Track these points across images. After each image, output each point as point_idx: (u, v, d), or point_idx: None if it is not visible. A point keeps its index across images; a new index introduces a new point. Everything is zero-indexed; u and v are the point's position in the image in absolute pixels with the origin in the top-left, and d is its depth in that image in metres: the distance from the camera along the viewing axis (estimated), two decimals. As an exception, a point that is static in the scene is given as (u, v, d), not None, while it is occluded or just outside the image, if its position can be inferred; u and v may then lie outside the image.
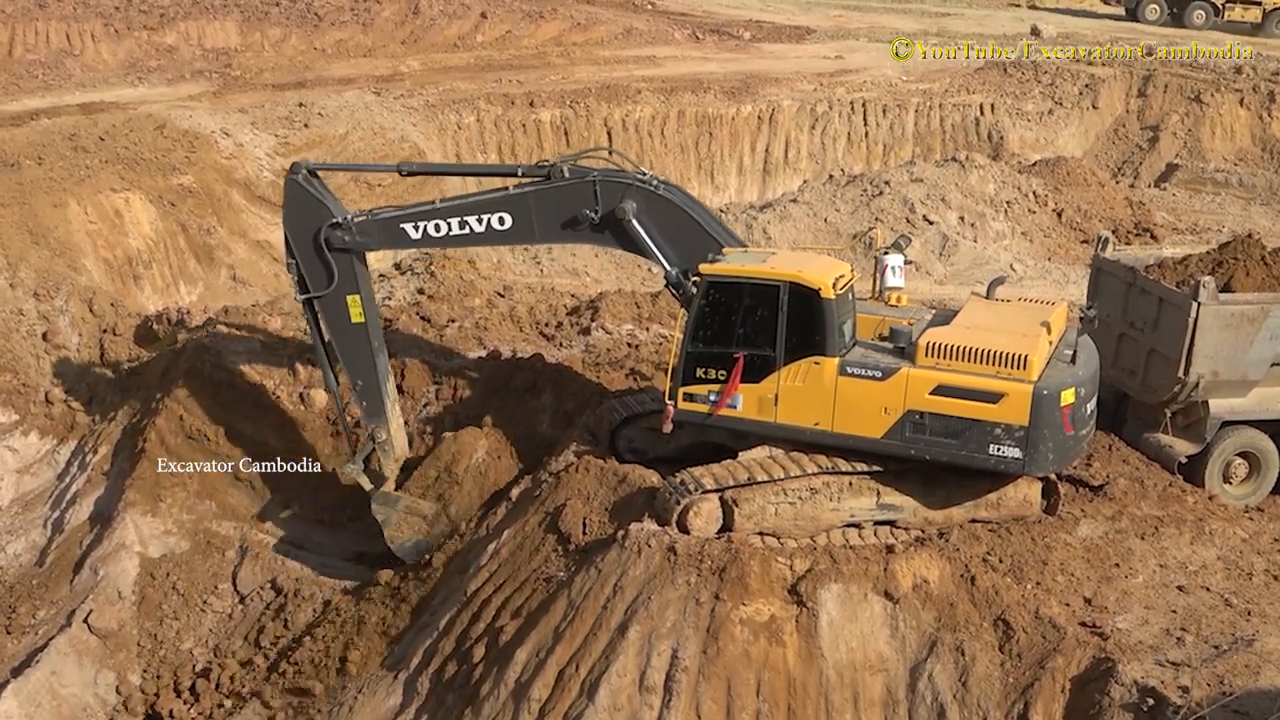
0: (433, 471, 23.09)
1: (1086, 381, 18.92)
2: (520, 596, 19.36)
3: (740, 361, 19.22)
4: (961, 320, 19.67)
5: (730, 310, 19.35)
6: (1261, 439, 22.71)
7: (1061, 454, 18.82)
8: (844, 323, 19.30)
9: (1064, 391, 18.38)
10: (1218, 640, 18.23)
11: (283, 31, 50.77)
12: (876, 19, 68.45)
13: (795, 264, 19.53)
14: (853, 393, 18.88)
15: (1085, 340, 19.83)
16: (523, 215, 20.88)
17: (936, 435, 18.62)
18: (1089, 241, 33.83)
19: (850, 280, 19.72)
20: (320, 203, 21.51)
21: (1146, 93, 55.03)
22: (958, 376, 18.44)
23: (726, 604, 17.90)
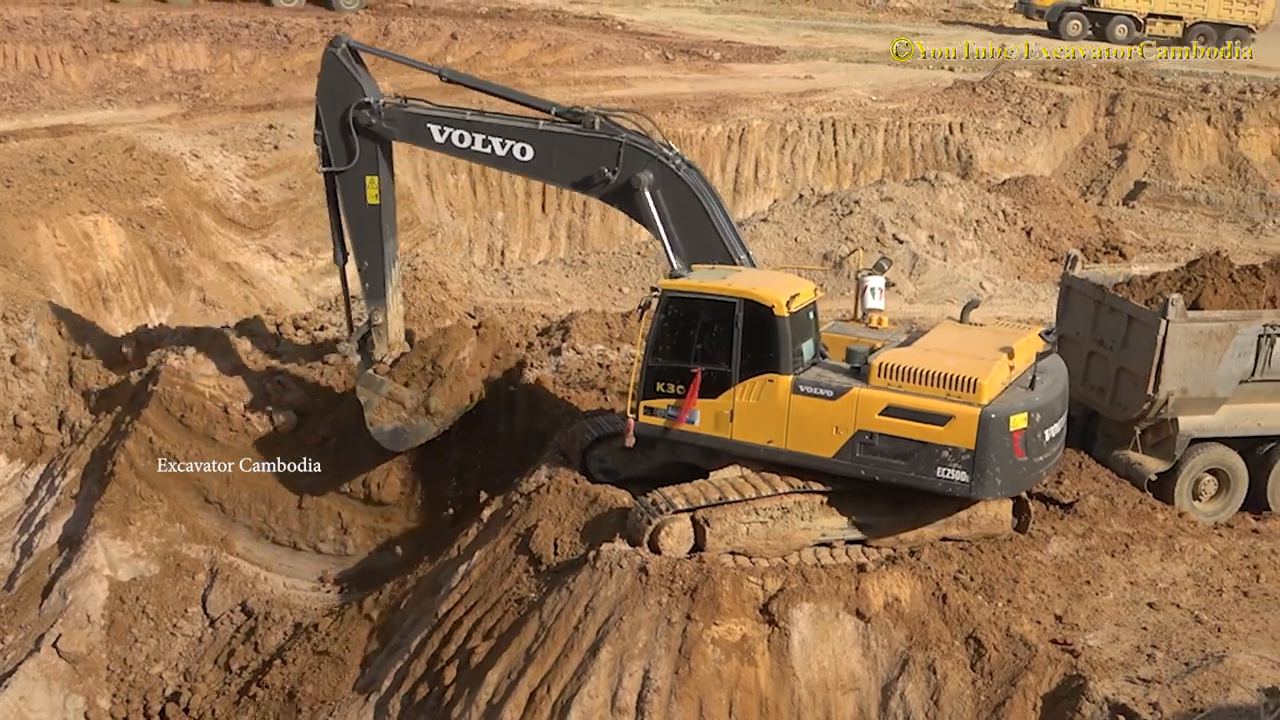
0: (418, 361, 23.12)
1: (1044, 407, 18.77)
2: (492, 618, 19.31)
3: (698, 377, 19.33)
4: (924, 342, 19.67)
5: (688, 326, 19.48)
6: (1230, 456, 22.79)
7: (1012, 479, 18.72)
8: (801, 341, 19.36)
9: (1014, 416, 18.30)
10: (1188, 657, 18.29)
11: (252, 53, 50.70)
12: (846, 39, 68.64)
13: (752, 281, 19.62)
14: (805, 411, 18.95)
15: (1053, 366, 19.84)
16: (545, 153, 21.14)
17: (886, 456, 18.60)
18: (1058, 260, 33.97)
19: (809, 300, 19.73)
20: (354, 80, 21.96)
21: (1114, 112, 55.30)
22: (907, 398, 18.45)
23: (698, 624, 17.88)
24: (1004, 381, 18.79)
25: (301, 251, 38.61)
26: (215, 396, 24.78)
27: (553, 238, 45.61)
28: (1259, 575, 20.83)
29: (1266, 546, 21.66)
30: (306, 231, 38.99)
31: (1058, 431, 19.43)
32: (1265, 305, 23.11)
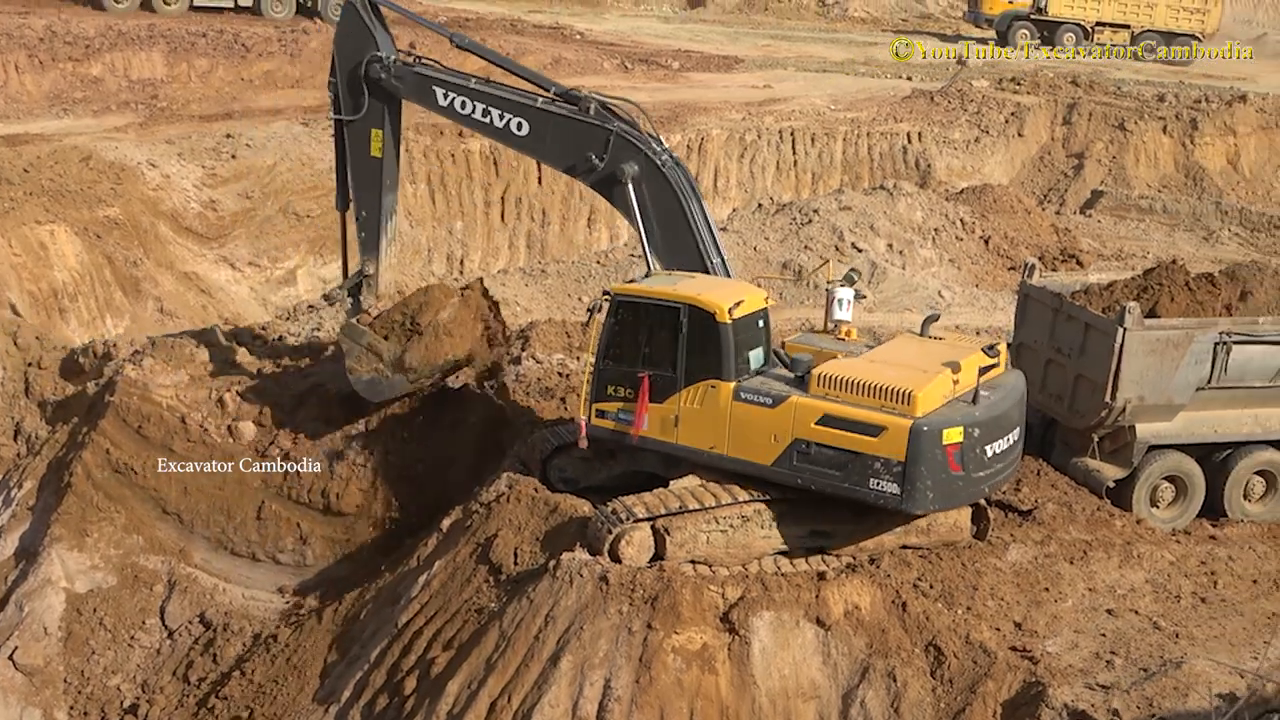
0: (398, 316, 23.27)
1: (985, 422, 18.69)
2: (452, 628, 19.26)
3: (646, 381, 19.47)
4: (873, 354, 19.76)
5: (636, 330, 19.71)
6: (1187, 463, 22.91)
7: (946, 494, 18.67)
8: (748, 349, 19.44)
9: (947, 430, 18.25)
10: (1146, 663, 18.38)
11: (210, 62, 50.47)
12: (804, 48, 68.80)
13: (698, 287, 19.78)
14: (746, 418, 19.02)
15: (1008, 381, 19.85)
16: (540, 131, 21.44)
17: (821, 466, 18.62)
18: (1016, 268, 34.10)
19: (756, 309, 19.79)
20: (370, 33, 22.28)
21: (1071, 121, 55.58)
22: (842, 408, 18.47)
23: (659, 633, 17.88)
24: (945, 395, 18.71)
25: (259, 261, 38.49)
26: (173, 407, 24.65)
27: (512, 247, 45.56)
28: (1216, 581, 20.96)
29: (1224, 553, 21.79)
30: (264, 241, 38.89)
31: (1005, 447, 19.29)
32: (1221, 313, 23.23)
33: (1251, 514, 23.29)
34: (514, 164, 45.65)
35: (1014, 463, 19.98)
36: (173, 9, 56.52)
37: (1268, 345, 22.54)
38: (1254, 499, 23.42)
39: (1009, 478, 20.35)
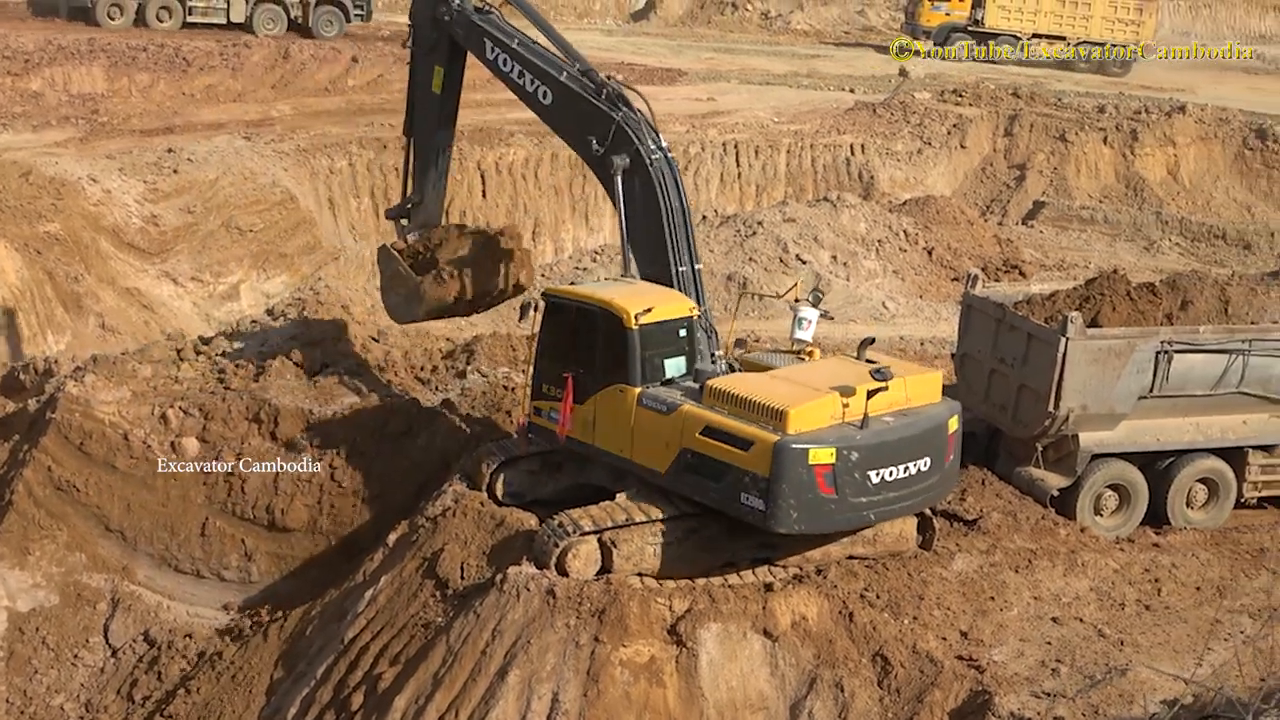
0: (422, 248, 24.28)
1: (870, 448, 18.33)
2: (399, 643, 19.19)
3: (570, 381, 19.75)
4: (780, 371, 19.71)
5: (563, 331, 20.10)
6: (1130, 471, 23.07)
7: (814, 516, 18.30)
8: (661, 356, 19.60)
9: (816, 450, 17.94)
10: (1092, 670, 18.48)
11: (151, 77, 50.17)
12: (747, 61, 68.94)
13: (615, 292, 20.02)
14: (646, 424, 19.18)
15: (926, 411, 19.28)
16: (559, 104, 21.87)
17: (702, 476, 18.64)
18: (959, 279, 34.23)
19: (674, 317, 19.85)
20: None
21: (1013, 132, 55.92)
22: (723, 420, 18.42)
23: (606, 646, 17.86)
24: (831, 416, 18.38)
25: (202, 276, 38.24)
26: (115, 423, 24.47)
27: (457, 260, 45.45)
28: (1160, 589, 21.09)
29: (1167, 560, 21.93)
30: (207, 255, 38.64)
31: (904, 475, 18.77)
32: (1162, 322, 23.41)
33: (1194, 521, 23.47)
34: (458, 178, 45.52)
35: (924, 492, 19.31)
36: (166, 26, 56.61)
37: (1208, 354, 22.73)
38: (1196, 506, 23.60)
39: (915, 506, 19.65)
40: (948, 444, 19.48)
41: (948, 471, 19.67)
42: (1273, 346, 23.09)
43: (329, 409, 24.76)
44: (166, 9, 56.94)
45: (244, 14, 58.13)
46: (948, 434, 19.46)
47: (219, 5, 57.82)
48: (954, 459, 19.75)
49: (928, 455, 19.04)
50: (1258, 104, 63.53)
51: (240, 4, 58.05)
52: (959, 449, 19.94)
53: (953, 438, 19.54)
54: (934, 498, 19.92)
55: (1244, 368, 22.86)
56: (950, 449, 19.53)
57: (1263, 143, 55.27)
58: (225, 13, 57.88)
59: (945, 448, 19.42)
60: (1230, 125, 56.49)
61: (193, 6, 57.37)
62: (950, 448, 19.52)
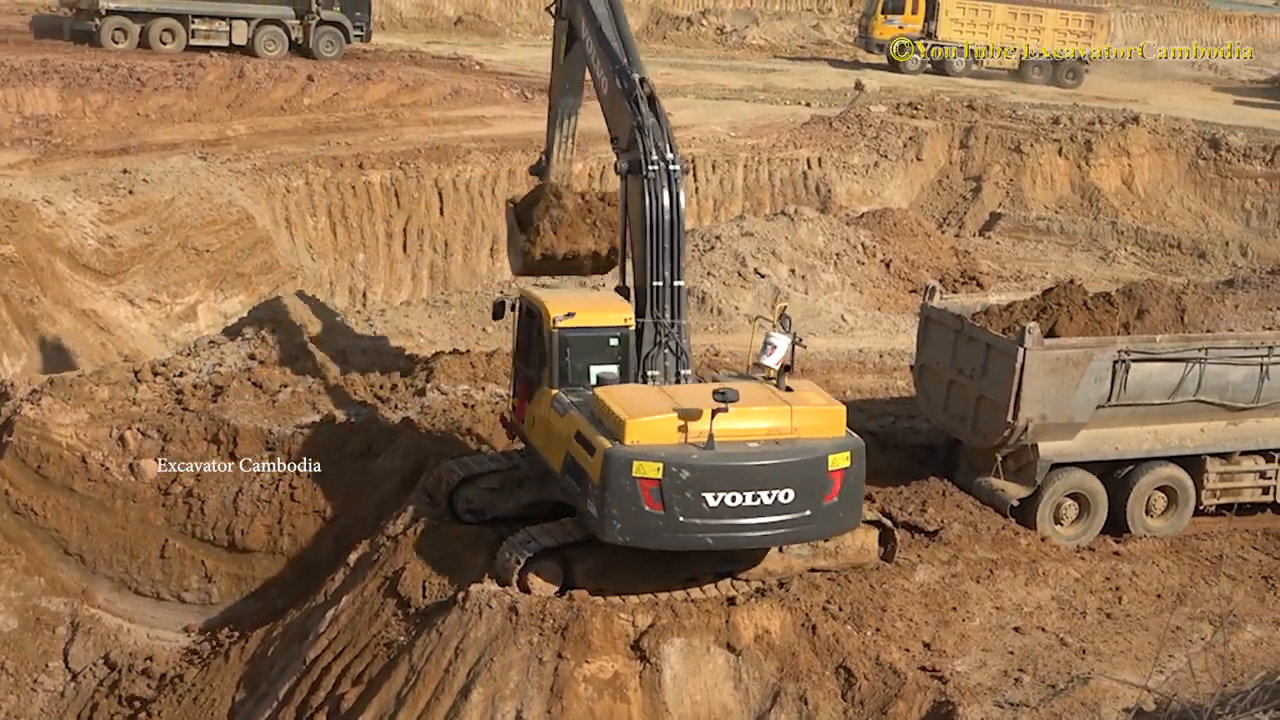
0: (523, 205, 25.49)
1: (704, 469, 17.88)
2: (361, 663, 19.11)
3: (526, 381, 20.63)
4: (674, 388, 19.40)
5: (523, 330, 20.80)
6: (1090, 480, 23.16)
7: (638, 530, 18.02)
8: (586, 362, 19.78)
9: (640, 463, 17.74)
10: (1054, 679, 18.53)
11: (105, 97, 49.94)
12: (703, 76, 69.05)
13: (557, 295, 20.73)
14: (552, 426, 19.52)
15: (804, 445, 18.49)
16: (606, 96, 21.95)
17: (573, 480, 18.80)
18: (917, 291, 34.33)
19: (605, 324, 19.97)
20: None
21: (969, 144, 56.16)
22: (586, 426, 18.51)
23: (569, 662, 17.83)
24: (674, 432, 18.08)
25: (159, 297, 38.06)
26: (73, 446, 24.36)
27: (415, 278, 45.35)
28: (1121, 597, 21.17)
29: (1127, 568, 22.02)
30: (164, 276, 38.47)
31: (755, 504, 18.12)
32: (1119, 331, 23.52)
33: (1154, 529, 23.57)
34: (415, 195, 45.51)
35: (788, 526, 18.50)
36: (169, 48, 56.83)
37: (1165, 362, 22.85)
38: (1156, 514, 23.71)
39: (774, 539, 18.95)
40: (827, 481, 18.47)
41: (827, 510, 18.60)
42: (1229, 354, 23.23)
43: (288, 428, 24.68)
44: (170, 31, 57.25)
45: (246, 36, 58.43)
46: (826, 470, 18.45)
47: (221, 28, 58.14)
48: (841, 500, 18.64)
49: (790, 488, 18.19)
50: (1210, 114, 64.00)
51: (243, 26, 58.35)
52: (852, 491, 18.79)
53: (838, 475, 18.50)
54: (806, 535, 19.11)
55: (1201, 376, 22.98)
56: (834, 488, 18.51)
57: (1216, 152, 55.65)
58: (228, 35, 58.21)
59: (821, 484, 18.44)
60: (1183, 135, 56.89)
61: (195, 29, 57.65)
62: (834, 487, 18.50)
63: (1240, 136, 57.04)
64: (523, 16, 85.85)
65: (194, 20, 57.51)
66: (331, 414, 25.16)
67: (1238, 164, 55.01)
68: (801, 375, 23.10)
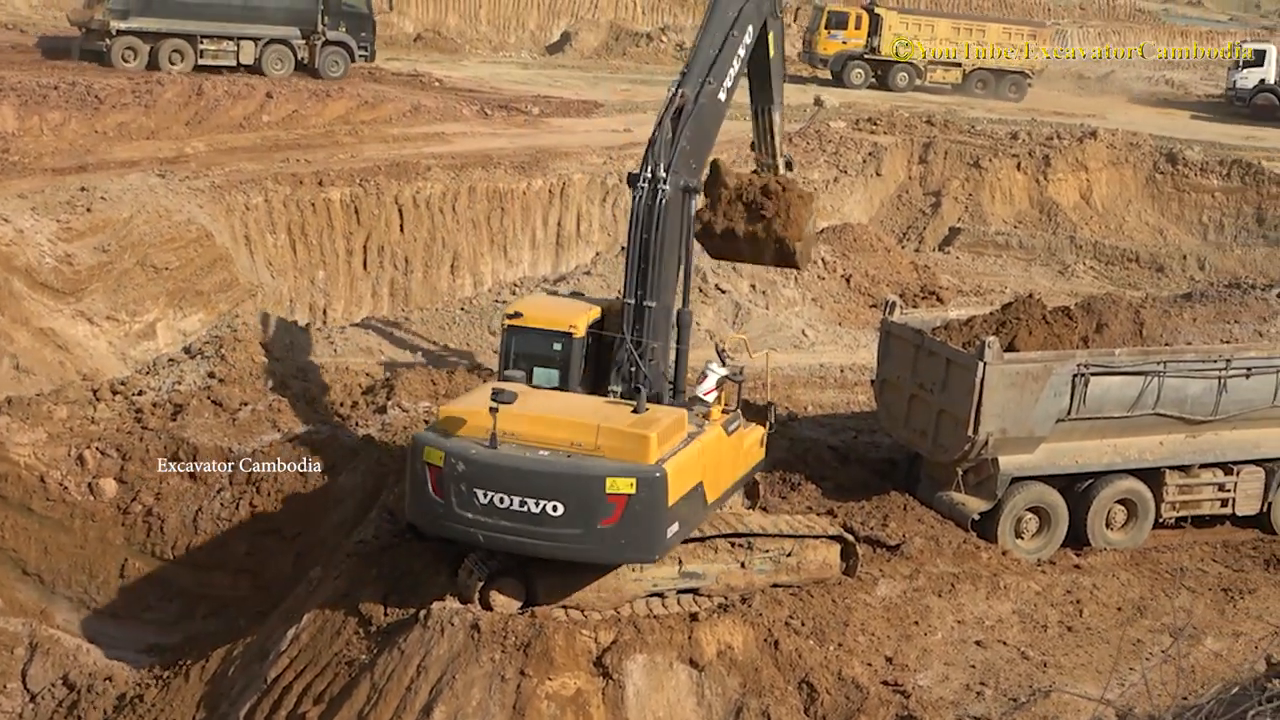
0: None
1: (475, 464, 18.12)
2: (322, 681, 19.02)
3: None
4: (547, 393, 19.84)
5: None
6: (1050, 494, 23.25)
7: (426, 515, 18.69)
8: (531, 363, 20.11)
9: (428, 448, 18.42)
10: (1016, 692, 18.61)
11: (62, 115, 49.66)
12: (663, 92, 68.62)
13: (535, 298, 22.04)
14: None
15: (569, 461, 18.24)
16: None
17: None
18: (877, 306, 34.41)
19: (549, 328, 20.20)
20: None
21: (928, 159, 56.29)
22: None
23: (532, 679, 17.78)
24: (476, 426, 18.43)
25: (118, 315, 37.83)
26: (31, 465, 24.21)
27: (375, 295, 45.21)
28: (1082, 610, 21.26)
29: (1088, 581, 22.12)
30: (123, 295, 38.24)
31: (516, 509, 18.06)
32: (1078, 345, 23.62)
33: (1114, 542, 23.68)
34: (375, 212, 45.39)
35: (552, 540, 18.23)
36: (179, 68, 57.09)
37: (1124, 376, 22.98)
38: (1116, 527, 23.83)
39: (539, 550, 18.45)
40: (604, 504, 17.99)
41: (603, 534, 18.08)
42: (1187, 368, 23.37)
43: (248, 446, 24.59)
44: (179, 52, 57.49)
45: (253, 56, 58.71)
46: (602, 492, 17.98)
47: (229, 48, 58.43)
48: (622, 527, 18.04)
49: (560, 502, 17.98)
50: (1167, 128, 64.35)
51: (250, 47, 58.63)
52: (641, 521, 18.09)
53: (619, 501, 17.95)
54: (577, 555, 18.48)
55: (1159, 389, 23.11)
56: (614, 514, 17.99)
57: (1173, 166, 55.90)
58: (235, 55, 58.50)
59: (596, 506, 18.00)
60: (1141, 150, 57.13)
61: (204, 50, 57.95)
62: (614, 512, 17.98)
63: (1197, 151, 57.34)
64: (482, 33, 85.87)
65: (203, 41, 57.93)
66: (292, 432, 25.08)
67: (1195, 178, 55.25)
68: (765, 391, 23.18)
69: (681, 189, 20.43)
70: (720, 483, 19.77)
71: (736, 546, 19.77)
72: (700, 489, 18.95)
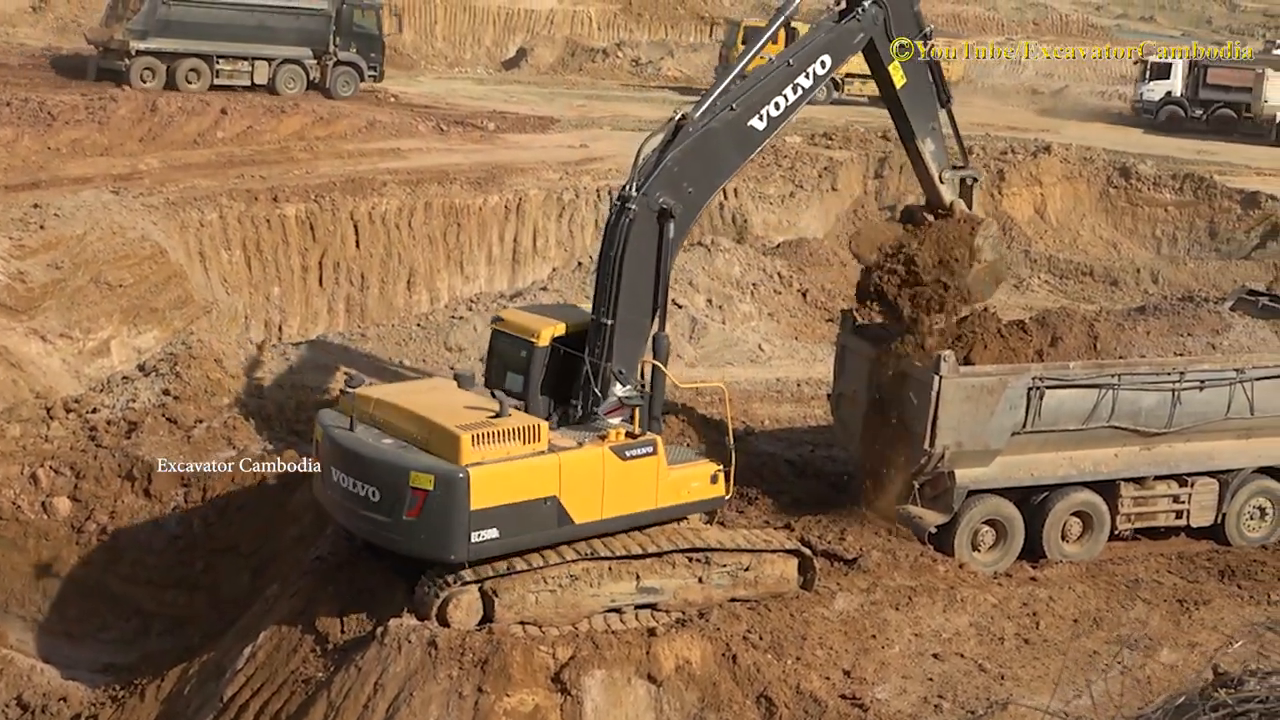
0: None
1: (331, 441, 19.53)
2: (279, 700, 18.92)
3: None
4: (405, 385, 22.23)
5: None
6: (1006, 506, 23.33)
7: (316, 488, 20.36)
8: (504, 367, 20.71)
9: (317, 425, 20.27)
10: (974, 705, 18.64)
11: (14, 131, 49.40)
12: (619, 107, 69.16)
13: (529, 305, 22.16)
14: None
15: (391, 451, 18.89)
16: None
17: None
18: (834, 320, 34.50)
19: (518, 334, 20.44)
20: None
21: (883, 174, 56.46)
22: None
23: (490, 696, 17.75)
24: (363, 410, 19.66)
25: (72, 333, 37.62)
26: (-16, 484, 24.06)
27: (331, 311, 45.12)
28: (1038, 622, 21.31)
29: (1044, 594, 22.18)
30: (76, 312, 38.04)
31: (351, 490, 18.90)
32: (1033, 359, 23.70)
33: (1070, 554, 23.78)
34: (330, 228, 45.29)
35: (371, 525, 19.07)
36: (195, 87, 57.76)
37: (1079, 389, 23.08)
38: (1071, 540, 23.92)
39: (363, 532, 19.59)
40: (408, 495, 18.32)
41: (407, 526, 18.46)
42: (1141, 380, 23.49)
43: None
44: (195, 71, 58.24)
45: (268, 76, 59.65)
46: (406, 484, 18.34)
47: (244, 68, 59.31)
48: (423, 521, 18.38)
49: (376, 489, 18.62)
50: (1119, 143, 64.73)
51: (264, 66, 59.52)
52: (439, 518, 18.36)
53: (420, 495, 18.27)
54: (393, 544, 19.11)
55: (1114, 402, 23.22)
56: (416, 506, 18.31)
57: (1126, 181, 56.22)
58: (250, 75, 59.40)
59: (400, 496, 18.37)
60: (1095, 164, 57.44)
61: (220, 69, 58.71)
62: (416, 505, 18.30)
63: (1150, 165, 57.69)
64: (438, 49, 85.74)
65: (219, 61, 58.67)
66: (248, 449, 24.98)
67: (1148, 192, 55.58)
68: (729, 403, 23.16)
69: (657, 210, 20.19)
70: (602, 507, 19.34)
71: (694, 561, 19.78)
72: (553, 504, 18.83)
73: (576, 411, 19.99)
